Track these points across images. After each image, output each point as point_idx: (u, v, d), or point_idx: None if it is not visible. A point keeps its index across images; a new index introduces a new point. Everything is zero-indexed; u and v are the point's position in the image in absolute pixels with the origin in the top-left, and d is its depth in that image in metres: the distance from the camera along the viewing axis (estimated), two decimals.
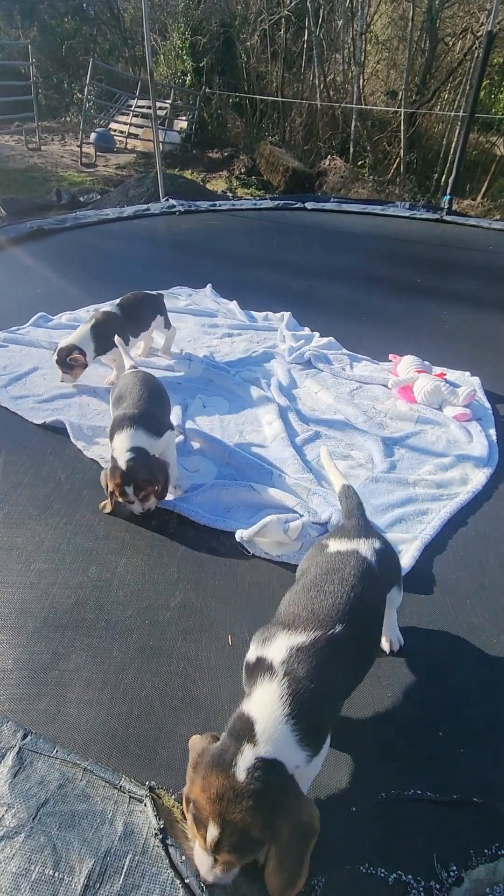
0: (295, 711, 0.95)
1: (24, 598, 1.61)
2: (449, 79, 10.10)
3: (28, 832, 1.06)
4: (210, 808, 0.87)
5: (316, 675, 1.00)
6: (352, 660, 1.09)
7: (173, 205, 5.73)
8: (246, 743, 0.92)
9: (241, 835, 0.86)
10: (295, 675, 0.99)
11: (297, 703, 0.96)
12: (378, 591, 1.25)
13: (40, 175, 9.31)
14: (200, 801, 0.89)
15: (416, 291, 4.04)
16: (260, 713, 0.95)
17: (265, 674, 1.01)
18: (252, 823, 0.85)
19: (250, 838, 0.86)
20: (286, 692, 0.97)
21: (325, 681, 1.00)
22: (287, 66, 11.51)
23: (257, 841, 0.87)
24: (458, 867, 1.04)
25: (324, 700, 1.00)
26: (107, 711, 1.32)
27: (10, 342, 2.97)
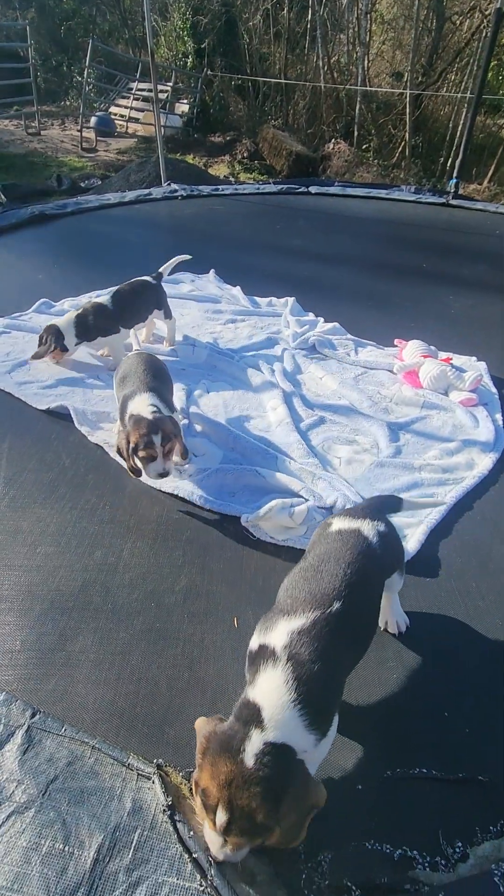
0: (301, 695, 0.95)
1: (30, 580, 1.62)
2: (456, 59, 9.87)
3: (38, 807, 1.07)
4: (219, 793, 0.88)
5: (319, 657, 0.99)
6: (351, 639, 1.09)
7: (175, 189, 5.65)
8: (254, 728, 0.92)
9: (250, 819, 0.87)
10: (298, 658, 0.99)
11: (302, 686, 0.96)
12: (378, 573, 1.24)
13: (40, 160, 9.19)
14: (210, 786, 0.89)
15: (422, 276, 3.98)
16: (266, 699, 0.95)
17: (268, 660, 1.01)
18: (260, 809, 0.86)
19: (258, 823, 0.87)
20: (291, 677, 0.97)
21: (327, 662, 1.00)
22: (290, 48, 11.27)
23: (265, 826, 0.88)
24: (463, 844, 1.05)
25: (328, 681, 1.01)
26: (114, 691, 1.33)
27: (13, 328, 2.95)
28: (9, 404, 2.41)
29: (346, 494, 1.90)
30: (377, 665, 1.41)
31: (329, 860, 1.01)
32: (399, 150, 10.31)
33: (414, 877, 0.99)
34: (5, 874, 0.98)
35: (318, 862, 1.02)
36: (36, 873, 0.98)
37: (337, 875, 0.99)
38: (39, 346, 2.60)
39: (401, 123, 10.27)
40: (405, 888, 0.98)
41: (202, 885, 0.97)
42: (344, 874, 0.99)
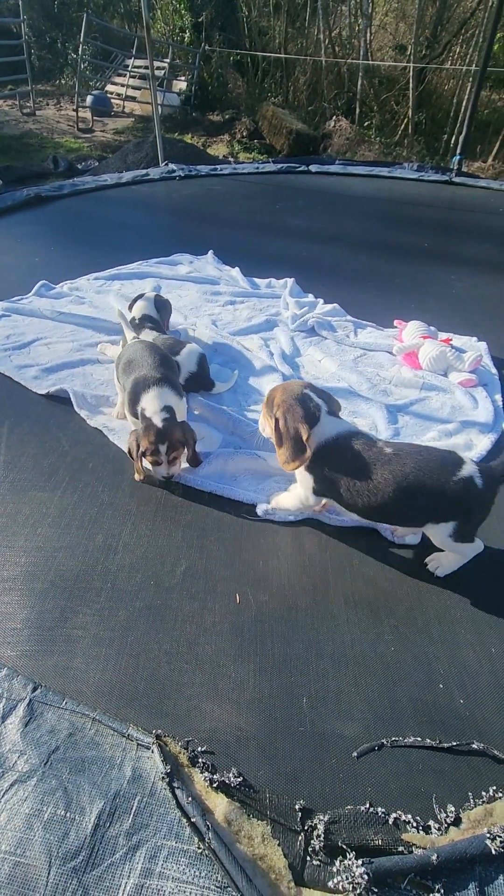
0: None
1: (31, 561, 1.64)
2: (461, 31, 9.56)
3: (40, 776, 1.10)
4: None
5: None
6: None
7: (173, 170, 5.55)
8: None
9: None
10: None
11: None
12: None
13: (36, 141, 9.02)
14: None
15: (424, 256, 3.92)
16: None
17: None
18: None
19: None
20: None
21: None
22: (291, 20, 10.92)
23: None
24: (455, 808, 1.08)
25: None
26: (114, 667, 1.36)
27: (13, 311, 2.93)
28: (8, 388, 2.41)
29: None
30: (374, 639, 1.43)
31: (324, 822, 1.04)
32: (402, 128, 10.05)
33: (407, 839, 1.02)
34: (8, 840, 1.02)
35: (313, 825, 1.05)
36: (38, 838, 1.01)
37: (332, 837, 1.02)
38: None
39: (404, 99, 10.00)
40: (399, 850, 1.01)
41: (200, 848, 1.00)
42: (339, 836, 1.02)
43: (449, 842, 1.02)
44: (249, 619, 1.49)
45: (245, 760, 1.17)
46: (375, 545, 1.73)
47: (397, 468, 1.44)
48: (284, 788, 1.12)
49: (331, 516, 1.79)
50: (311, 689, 1.32)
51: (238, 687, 1.32)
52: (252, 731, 1.23)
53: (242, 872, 0.95)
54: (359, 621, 1.48)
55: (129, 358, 2.03)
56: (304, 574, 1.63)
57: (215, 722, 1.24)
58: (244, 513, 1.83)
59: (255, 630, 1.46)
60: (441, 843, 1.02)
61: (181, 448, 1.86)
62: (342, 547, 1.72)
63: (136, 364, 1.97)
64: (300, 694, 1.31)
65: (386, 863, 0.97)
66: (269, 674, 1.35)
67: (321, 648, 1.41)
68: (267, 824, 1.05)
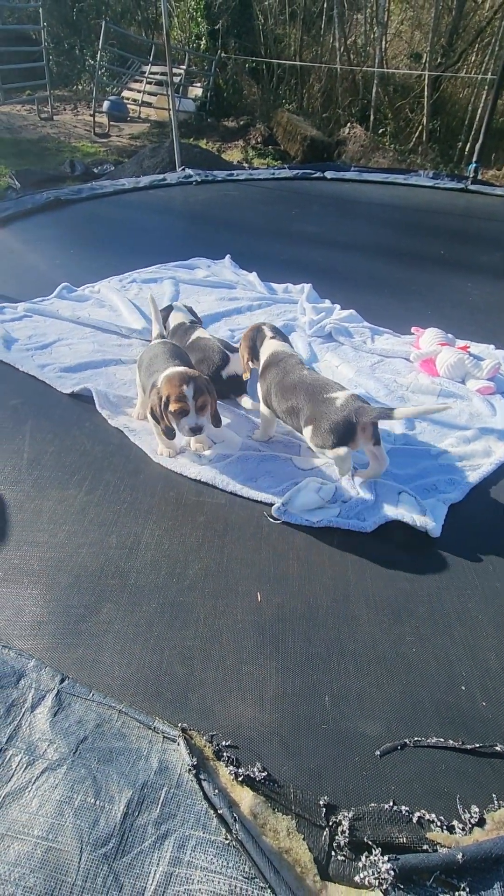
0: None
1: (55, 556, 1.67)
2: (477, 39, 9.60)
3: (70, 765, 1.12)
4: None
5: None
6: None
7: (190, 175, 5.62)
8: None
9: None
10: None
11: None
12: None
13: (53, 145, 9.16)
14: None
15: (440, 263, 3.94)
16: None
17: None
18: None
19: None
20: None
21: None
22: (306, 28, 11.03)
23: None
24: (480, 809, 1.08)
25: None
26: (138, 661, 1.38)
27: (35, 312, 2.98)
28: (30, 388, 2.45)
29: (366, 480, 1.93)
30: (396, 641, 1.44)
31: (349, 819, 1.05)
32: (416, 135, 10.09)
33: (432, 837, 1.03)
34: (41, 825, 1.04)
35: (337, 820, 1.06)
36: (70, 825, 1.04)
37: (357, 833, 1.03)
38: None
39: (418, 107, 10.04)
40: (423, 848, 1.02)
41: (227, 839, 1.02)
42: (363, 832, 1.03)
43: (473, 842, 1.03)
44: (270, 618, 1.51)
45: (269, 756, 1.19)
46: (394, 547, 1.74)
47: (301, 381, 1.89)
48: (308, 784, 1.14)
49: (349, 521, 1.81)
50: (333, 687, 1.33)
51: (260, 683, 1.34)
52: (275, 728, 1.25)
53: (270, 864, 0.97)
54: (380, 622, 1.50)
55: (150, 358, 2.07)
56: (323, 574, 1.65)
57: (239, 717, 1.26)
58: (263, 513, 1.85)
59: (276, 628, 1.48)
60: (465, 843, 1.03)
61: (207, 394, 1.78)
62: (361, 548, 1.74)
63: (157, 361, 2.01)
64: (322, 692, 1.32)
65: (412, 860, 0.98)
66: (292, 671, 1.37)
67: (343, 648, 1.43)
68: (292, 819, 1.07)
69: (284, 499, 1.85)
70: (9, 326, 2.84)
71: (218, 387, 2.22)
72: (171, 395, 1.76)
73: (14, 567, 1.63)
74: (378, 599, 1.56)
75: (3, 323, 2.86)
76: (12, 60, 9.53)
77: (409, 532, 1.77)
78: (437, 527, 1.75)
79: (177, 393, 1.75)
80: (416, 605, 1.55)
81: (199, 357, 2.31)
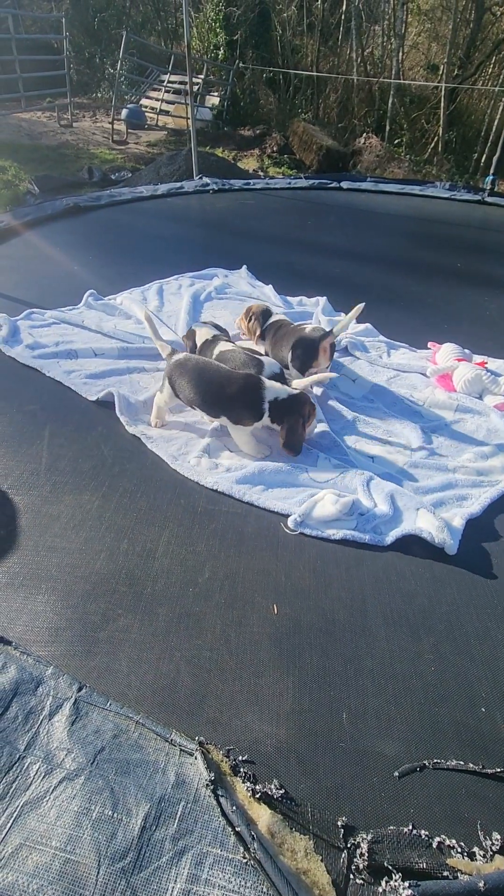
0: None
1: (72, 562, 1.68)
2: (495, 51, 9.62)
3: (87, 775, 1.12)
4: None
5: None
6: None
7: (207, 183, 5.67)
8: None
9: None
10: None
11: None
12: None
13: (72, 152, 9.30)
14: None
15: (457, 276, 3.93)
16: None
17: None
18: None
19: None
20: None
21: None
22: (323, 40, 11.14)
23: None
24: (501, 835, 1.07)
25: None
26: (155, 671, 1.38)
27: (61, 321, 3.01)
28: (49, 393, 2.47)
29: (384, 490, 1.92)
30: (414, 658, 1.43)
31: (367, 841, 1.04)
32: (432, 146, 10.12)
33: (452, 864, 1.01)
34: (59, 836, 1.04)
35: (356, 842, 1.05)
36: (87, 837, 1.03)
37: (376, 856, 1.02)
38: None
39: (434, 118, 10.08)
40: (444, 875, 1.00)
41: (245, 858, 1.01)
42: (383, 856, 1.02)
43: (495, 870, 1.01)
44: (287, 631, 1.50)
45: (286, 773, 1.18)
46: (412, 561, 1.73)
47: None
48: (326, 804, 1.13)
49: (365, 535, 1.80)
50: (351, 704, 1.32)
51: (277, 698, 1.33)
52: (292, 744, 1.24)
53: (288, 885, 0.96)
54: (398, 638, 1.48)
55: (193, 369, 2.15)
56: (341, 588, 1.64)
57: (255, 732, 1.26)
58: (280, 524, 1.85)
59: (293, 641, 1.47)
60: (487, 871, 1.01)
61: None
62: (378, 562, 1.73)
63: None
64: (340, 709, 1.31)
65: (433, 886, 0.96)
66: (309, 686, 1.36)
67: (360, 664, 1.42)
68: (310, 839, 1.06)
69: (301, 510, 1.85)
70: (36, 333, 2.87)
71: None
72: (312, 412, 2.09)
73: (31, 572, 1.64)
74: (395, 615, 1.55)
75: (32, 329, 2.90)
76: (35, 69, 9.71)
77: (427, 547, 1.76)
78: (454, 544, 1.74)
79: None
80: (435, 622, 1.53)
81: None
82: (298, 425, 2.05)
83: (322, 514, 1.84)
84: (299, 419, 2.05)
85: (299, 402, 2.06)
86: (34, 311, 3.04)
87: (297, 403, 2.05)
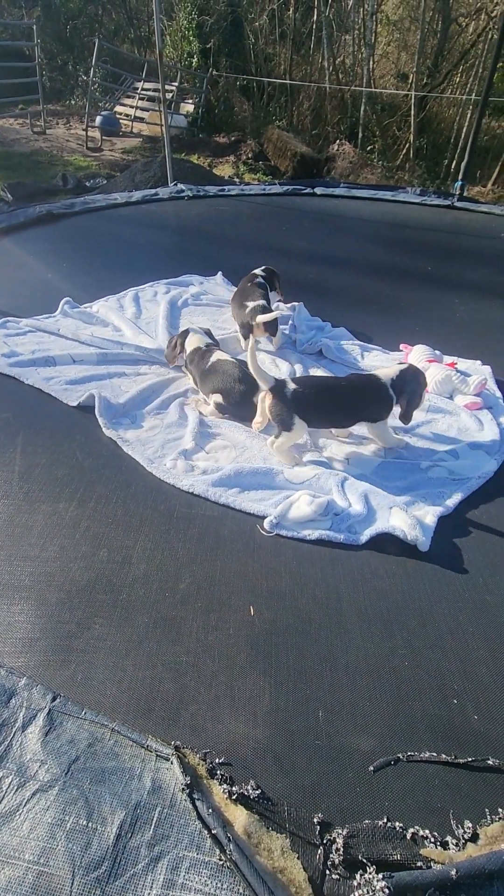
0: None
1: (47, 571, 1.66)
2: (461, 61, 9.91)
3: (62, 786, 1.11)
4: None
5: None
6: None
7: (182, 190, 5.69)
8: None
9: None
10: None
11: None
12: None
13: (45, 159, 9.23)
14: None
15: (427, 279, 4.02)
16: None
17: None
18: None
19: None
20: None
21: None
22: (296, 48, 11.31)
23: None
24: (473, 824, 1.09)
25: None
26: (130, 678, 1.37)
27: (37, 329, 2.97)
28: (22, 400, 2.45)
29: (358, 490, 1.95)
30: (388, 653, 1.45)
31: (343, 836, 1.05)
32: (403, 152, 10.35)
33: (426, 854, 1.03)
34: (32, 849, 1.02)
35: (332, 838, 1.06)
36: (61, 848, 1.02)
37: (351, 850, 1.03)
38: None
39: (405, 125, 10.31)
40: (417, 865, 1.02)
41: (221, 860, 1.01)
42: (358, 850, 1.03)
43: (467, 857, 1.03)
44: (263, 632, 1.51)
45: (262, 773, 1.19)
46: (386, 559, 1.76)
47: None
48: (302, 802, 1.14)
49: (340, 534, 1.82)
50: (327, 702, 1.34)
51: (254, 699, 1.34)
52: (269, 744, 1.24)
53: (264, 885, 0.96)
54: (372, 635, 1.51)
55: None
56: (316, 587, 1.66)
57: (232, 734, 1.26)
58: (255, 526, 1.86)
59: (269, 642, 1.48)
60: (459, 859, 1.03)
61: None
62: (353, 561, 1.75)
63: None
64: (315, 707, 1.32)
65: (406, 877, 0.98)
66: (285, 686, 1.37)
67: (335, 662, 1.43)
68: (286, 837, 1.06)
69: (277, 512, 1.87)
70: (12, 341, 2.83)
71: (249, 412, 2.31)
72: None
73: (4, 583, 1.61)
74: (370, 612, 1.58)
75: (7, 337, 2.86)
76: (6, 75, 9.62)
77: (401, 545, 1.79)
78: (426, 541, 1.77)
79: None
80: (408, 618, 1.56)
81: (222, 382, 2.33)
82: (417, 395, 2.13)
83: (297, 515, 1.86)
84: (416, 388, 2.13)
85: (411, 375, 2.13)
86: (9, 320, 3.01)
87: (410, 375, 2.12)
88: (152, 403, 2.47)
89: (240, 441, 2.26)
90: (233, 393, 2.31)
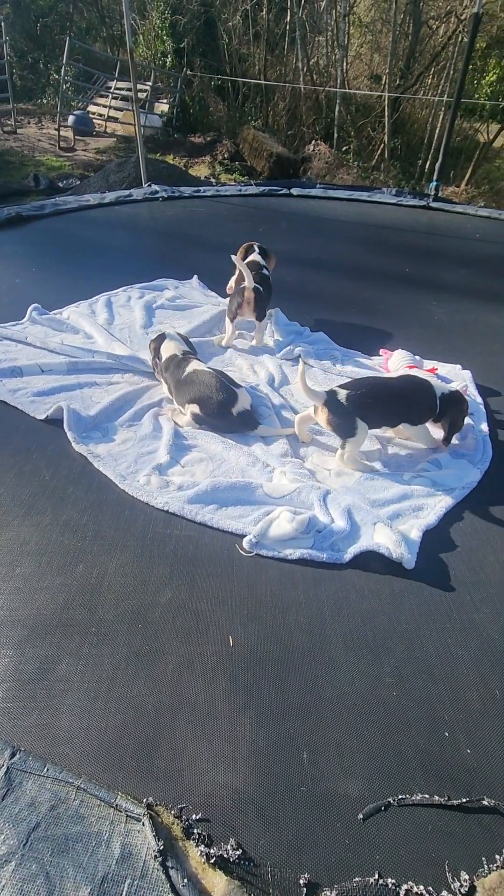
0: None
1: (8, 604, 1.53)
2: (433, 63, 9.99)
3: (19, 860, 0.99)
4: None
5: None
6: None
7: (156, 191, 5.56)
8: None
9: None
10: None
11: None
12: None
13: (17, 159, 8.98)
14: None
15: (405, 282, 3.98)
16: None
17: None
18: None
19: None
20: None
21: None
22: (270, 49, 11.25)
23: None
24: (469, 875, 1.01)
25: None
26: (99, 724, 1.26)
27: (3, 337, 2.82)
28: None
29: (341, 505, 1.87)
30: (374, 682, 1.37)
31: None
32: (378, 153, 10.38)
33: None
34: None
35: None
36: None
37: None
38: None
39: (380, 126, 10.35)
40: None
41: None
42: None
43: None
44: (243, 663, 1.41)
45: (243, 828, 1.09)
46: (370, 578, 1.68)
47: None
48: (287, 860, 1.04)
49: (323, 553, 1.74)
50: (311, 740, 1.25)
51: (233, 740, 1.24)
52: (250, 793, 1.15)
53: None
54: (358, 662, 1.42)
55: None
56: (299, 612, 1.57)
57: (210, 783, 1.16)
58: (234, 545, 1.77)
59: (249, 675, 1.38)
60: None
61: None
62: (336, 582, 1.67)
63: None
64: (300, 746, 1.23)
65: None
66: (266, 724, 1.28)
67: (320, 694, 1.35)
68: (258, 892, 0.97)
69: (256, 531, 1.77)
70: None
71: (226, 424, 2.23)
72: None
73: None
74: (355, 638, 1.49)
75: None
76: None
77: (386, 563, 1.72)
78: (411, 558, 1.70)
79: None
80: (395, 642, 1.48)
81: (199, 393, 2.23)
82: (459, 419, 2.17)
83: (278, 533, 1.77)
84: (460, 413, 2.17)
85: (459, 398, 2.17)
86: None
87: (458, 398, 2.16)
88: (125, 415, 2.36)
89: (217, 452, 2.16)
90: (210, 403, 2.22)
